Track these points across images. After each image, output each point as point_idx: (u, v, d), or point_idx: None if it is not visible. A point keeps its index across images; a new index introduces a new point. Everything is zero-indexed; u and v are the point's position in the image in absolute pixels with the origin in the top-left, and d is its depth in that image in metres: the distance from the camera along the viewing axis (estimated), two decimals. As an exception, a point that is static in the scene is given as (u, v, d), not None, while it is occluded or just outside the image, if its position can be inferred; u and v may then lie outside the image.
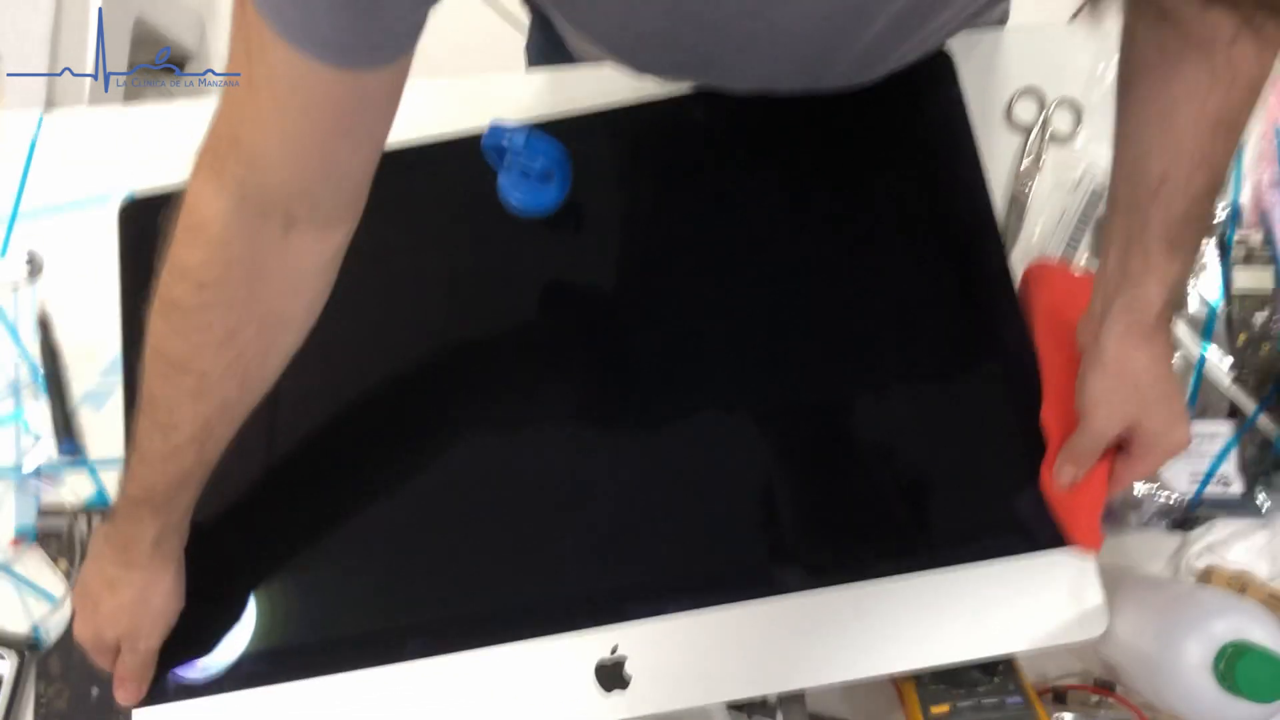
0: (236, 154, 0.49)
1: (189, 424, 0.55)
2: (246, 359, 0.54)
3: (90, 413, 0.73)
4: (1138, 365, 0.56)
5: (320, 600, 0.64)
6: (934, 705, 0.59)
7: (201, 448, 0.56)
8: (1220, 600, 0.55)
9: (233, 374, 0.54)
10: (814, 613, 0.61)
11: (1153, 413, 0.57)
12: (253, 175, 0.49)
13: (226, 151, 0.49)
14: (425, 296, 0.70)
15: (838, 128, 0.70)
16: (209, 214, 0.50)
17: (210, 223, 0.50)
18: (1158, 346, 0.56)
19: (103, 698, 0.67)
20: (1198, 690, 0.52)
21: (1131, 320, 0.56)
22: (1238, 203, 0.70)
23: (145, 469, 0.57)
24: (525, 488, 0.65)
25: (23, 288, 0.75)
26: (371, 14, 0.43)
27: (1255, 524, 0.67)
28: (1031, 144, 0.72)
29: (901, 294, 0.66)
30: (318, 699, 0.62)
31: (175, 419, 0.55)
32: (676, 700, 0.61)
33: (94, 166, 0.76)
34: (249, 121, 0.48)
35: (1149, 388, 0.56)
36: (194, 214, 0.51)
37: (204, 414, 0.55)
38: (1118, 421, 0.57)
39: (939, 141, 0.68)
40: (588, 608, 0.62)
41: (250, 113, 0.47)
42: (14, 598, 0.70)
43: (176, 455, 0.56)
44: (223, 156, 0.49)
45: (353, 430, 0.67)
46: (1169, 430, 0.57)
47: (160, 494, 0.57)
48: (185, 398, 0.54)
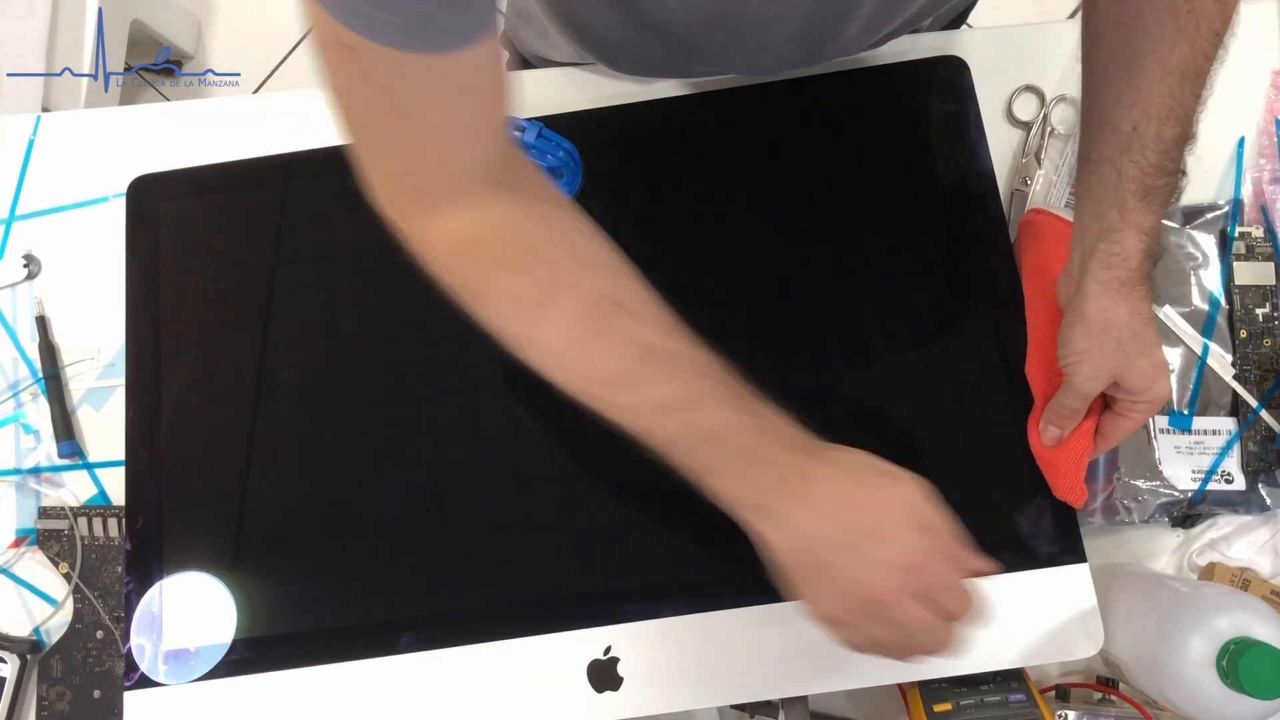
0: (431, 171, 0.48)
1: (659, 336, 0.51)
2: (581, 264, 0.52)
3: (90, 413, 0.73)
4: (1119, 319, 0.56)
5: (315, 591, 0.64)
6: (937, 703, 0.59)
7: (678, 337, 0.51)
8: (1223, 597, 0.55)
9: (589, 274, 0.51)
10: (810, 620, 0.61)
11: (1135, 366, 0.57)
12: (456, 171, 0.49)
13: (423, 174, 0.49)
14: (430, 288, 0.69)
15: (847, 126, 0.70)
16: (459, 228, 0.50)
17: (475, 233, 0.50)
18: (1137, 299, 0.57)
19: (104, 699, 0.67)
20: (1201, 687, 0.52)
21: (1111, 275, 0.56)
22: (1239, 197, 0.70)
23: (705, 411, 0.50)
24: (525, 484, 0.65)
25: (21, 288, 0.75)
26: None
27: (1257, 520, 0.67)
28: (1031, 141, 0.72)
29: (907, 301, 0.67)
30: (310, 689, 0.62)
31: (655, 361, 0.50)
32: (668, 703, 0.61)
33: (92, 167, 0.76)
34: (423, 138, 0.47)
35: (1130, 341, 0.57)
36: (449, 243, 0.50)
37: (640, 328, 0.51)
38: (1101, 377, 0.58)
39: (950, 140, 0.69)
40: (582, 607, 0.62)
41: (419, 130, 0.47)
42: (15, 599, 0.70)
43: (679, 351, 0.51)
44: (427, 179, 0.49)
45: (352, 423, 0.67)
46: (1151, 384, 0.57)
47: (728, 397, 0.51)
48: (629, 347, 0.50)
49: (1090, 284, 0.57)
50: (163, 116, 0.77)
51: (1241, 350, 0.68)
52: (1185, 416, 0.67)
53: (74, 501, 0.71)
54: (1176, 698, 0.54)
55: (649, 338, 0.50)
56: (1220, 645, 0.52)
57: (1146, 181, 0.55)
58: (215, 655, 0.63)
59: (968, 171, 0.68)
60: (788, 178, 0.69)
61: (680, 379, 0.50)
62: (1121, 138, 0.55)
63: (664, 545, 0.63)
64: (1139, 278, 0.57)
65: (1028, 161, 0.72)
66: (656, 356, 0.50)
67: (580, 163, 0.68)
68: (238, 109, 0.76)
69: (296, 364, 0.66)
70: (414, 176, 0.49)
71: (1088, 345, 0.57)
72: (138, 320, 0.69)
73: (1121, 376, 0.57)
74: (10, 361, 0.74)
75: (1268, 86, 0.73)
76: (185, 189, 0.72)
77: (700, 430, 0.50)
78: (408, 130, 0.47)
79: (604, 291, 0.51)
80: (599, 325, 0.50)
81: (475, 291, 0.51)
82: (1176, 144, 0.55)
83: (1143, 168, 0.55)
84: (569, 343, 0.50)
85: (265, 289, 0.69)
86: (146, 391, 0.68)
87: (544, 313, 0.50)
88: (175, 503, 0.66)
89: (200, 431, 0.67)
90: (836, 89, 0.70)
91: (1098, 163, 0.57)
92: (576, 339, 0.50)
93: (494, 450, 0.66)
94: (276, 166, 0.72)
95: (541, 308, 0.50)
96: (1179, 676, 0.53)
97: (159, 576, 0.65)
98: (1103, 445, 0.61)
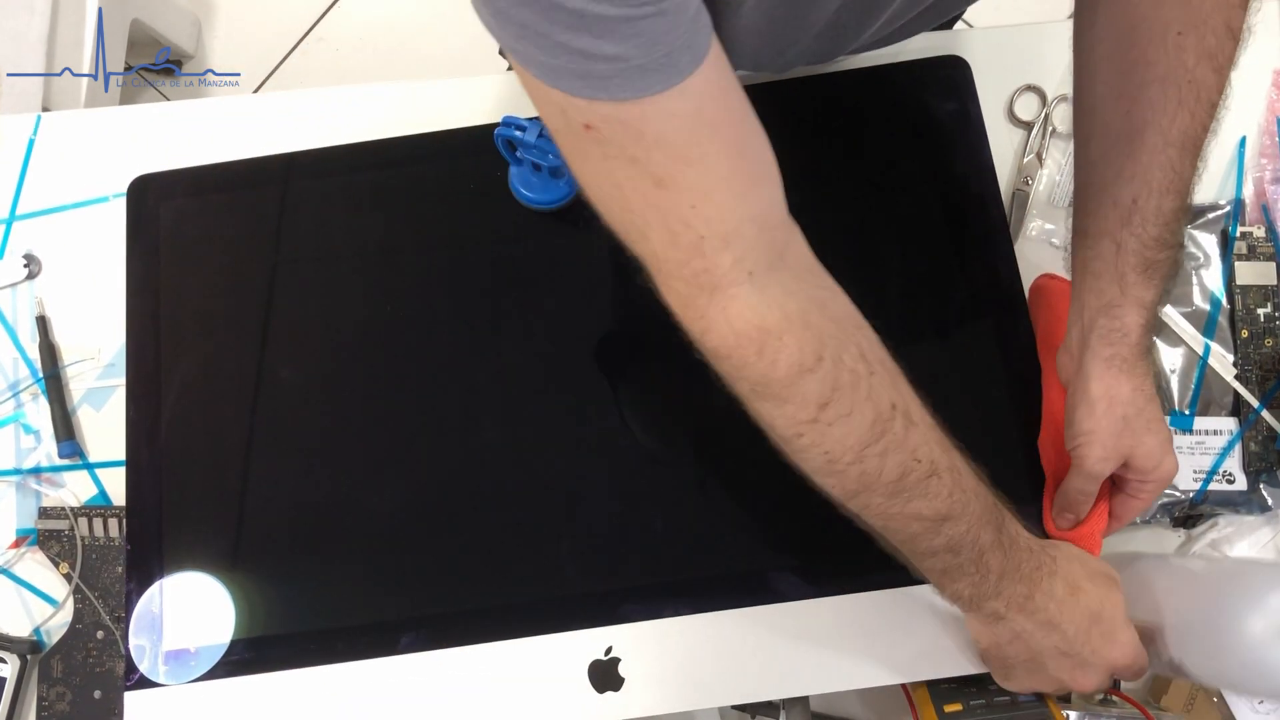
0: (715, 242, 0.44)
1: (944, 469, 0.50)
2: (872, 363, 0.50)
3: (90, 413, 0.72)
4: (1123, 396, 0.56)
5: (315, 592, 0.64)
6: (947, 704, 0.59)
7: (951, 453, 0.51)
8: (1269, 572, 0.55)
9: (884, 386, 0.49)
10: (808, 621, 0.61)
11: (1143, 445, 0.57)
12: (741, 240, 0.44)
13: (707, 253, 0.44)
14: (432, 283, 0.69)
15: (848, 126, 0.70)
16: (751, 316, 0.45)
17: (764, 322, 0.45)
18: (1139, 376, 0.56)
19: (105, 700, 0.67)
20: (1265, 662, 0.52)
21: (1112, 351, 0.56)
22: (1240, 197, 0.70)
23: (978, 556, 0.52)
24: (526, 484, 0.65)
25: (21, 288, 0.75)
26: (680, 12, 0.39)
27: (1259, 520, 0.67)
28: (1033, 141, 0.72)
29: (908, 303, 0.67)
30: (310, 689, 0.62)
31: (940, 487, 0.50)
32: (670, 703, 0.61)
33: (92, 167, 0.76)
34: (688, 206, 0.43)
35: (1135, 419, 0.56)
36: (737, 334, 0.46)
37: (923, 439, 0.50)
38: (1111, 459, 0.57)
39: (952, 139, 0.69)
40: (584, 607, 0.62)
41: (683, 198, 0.43)
42: (15, 599, 0.70)
43: (958, 467, 0.51)
44: (709, 259, 0.44)
45: (352, 423, 0.67)
46: (1160, 462, 0.57)
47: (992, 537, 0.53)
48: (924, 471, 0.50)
49: (1092, 362, 0.56)
50: (163, 116, 0.77)
51: (1243, 350, 0.68)
52: (1187, 416, 0.67)
53: (74, 501, 0.71)
54: (1237, 677, 0.54)
55: (933, 454, 0.50)
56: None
57: (1147, 255, 0.54)
58: (215, 655, 0.63)
59: (970, 171, 0.68)
60: (788, 177, 0.69)
61: (955, 496, 0.50)
62: (1121, 210, 0.54)
63: (665, 546, 0.63)
64: (1140, 353, 0.56)
65: (1029, 161, 0.72)
66: (938, 474, 0.50)
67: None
68: (238, 109, 0.76)
69: (296, 364, 0.66)
70: (694, 260, 0.44)
71: (1094, 426, 0.56)
72: (138, 320, 0.69)
73: (1131, 456, 0.57)
74: (10, 361, 0.74)
75: (1268, 86, 0.73)
76: (185, 189, 0.72)
77: (958, 543, 0.51)
78: (669, 204, 0.43)
79: (889, 399, 0.49)
80: (884, 437, 0.48)
81: (767, 393, 0.48)
82: (1176, 216, 0.54)
83: (1143, 241, 0.54)
84: (855, 454, 0.48)
85: (265, 289, 0.69)
86: (146, 391, 0.68)
87: (837, 419, 0.47)
88: (175, 502, 0.66)
89: (200, 431, 0.67)
90: (838, 89, 0.70)
91: (1096, 236, 0.56)
92: (863, 449, 0.48)
93: (495, 450, 0.66)
94: (277, 166, 0.72)
95: (833, 413, 0.47)
96: (1239, 654, 0.53)
97: (159, 576, 0.65)
98: (1115, 526, 0.61)
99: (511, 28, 0.39)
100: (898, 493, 0.49)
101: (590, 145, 0.42)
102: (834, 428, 0.47)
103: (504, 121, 0.64)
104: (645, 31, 0.38)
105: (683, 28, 0.39)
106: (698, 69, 0.41)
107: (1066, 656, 0.54)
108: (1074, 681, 0.55)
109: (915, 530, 0.51)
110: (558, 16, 0.37)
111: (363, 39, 1.65)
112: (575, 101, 0.40)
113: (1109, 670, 0.55)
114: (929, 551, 0.52)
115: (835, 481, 0.50)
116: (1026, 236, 0.71)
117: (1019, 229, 0.71)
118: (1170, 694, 0.65)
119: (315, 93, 0.76)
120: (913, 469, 0.49)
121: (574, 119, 0.41)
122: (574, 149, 0.43)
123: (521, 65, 0.41)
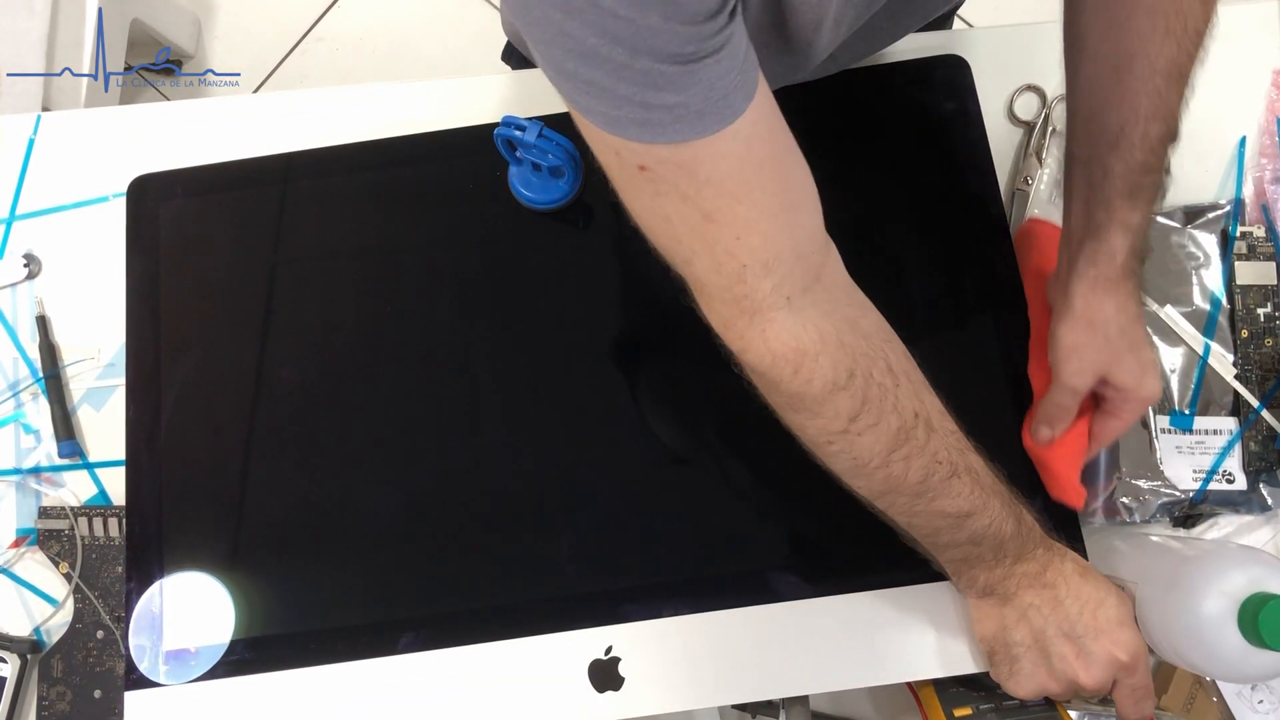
0: (751, 276, 0.46)
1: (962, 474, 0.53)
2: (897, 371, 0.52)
3: (90, 413, 0.72)
4: (1105, 315, 0.57)
5: (315, 591, 0.64)
6: (957, 708, 0.59)
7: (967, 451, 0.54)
8: (1240, 554, 0.55)
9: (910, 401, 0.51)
10: (808, 621, 0.61)
11: (1123, 363, 0.57)
12: (781, 266, 0.46)
13: (742, 280, 0.46)
14: (432, 282, 0.69)
15: (848, 126, 0.70)
16: (788, 339, 0.48)
17: (800, 344, 0.48)
18: (1124, 295, 0.57)
19: (105, 700, 0.67)
20: (1221, 643, 0.52)
21: (1097, 272, 0.57)
22: (1240, 197, 0.70)
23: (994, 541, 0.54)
24: (526, 484, 0.65)
25: (21, 288, 0.75)
26: (727, 59, 0.40)
27: (1259, 520, 0.67)
28: (1034, 140, 0.72)
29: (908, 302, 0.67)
30: (310, 689, 0.62)
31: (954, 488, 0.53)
32: (669, 703, 0.61)
33: (92, 167, 0.76)
34: (734, 237, 0.45)
35: (1117, 337, 0.57)
36: (774, 354, 0.48)
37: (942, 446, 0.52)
38: (1089, 374, 0.58)
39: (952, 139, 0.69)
40: (584, 607, 0.62)
41: (729, 229, 0.44)
42: (15, 599, 0.70)
43: (975, 467, 0.54)
44: (749, 285, 0.46)
45: (352, 423, 0.67)
46: (1140, 382, 0.58)
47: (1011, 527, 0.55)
48: (939, 471, 0.52)
49: (1076, 281, 0.57)
50: (163, 116, 0.77)
51: (1243, 350, 0.68)
52: (1186, 416, 0.67)
53: (74, 501, 0.71)
54: (1197, 657, 0.54)
55: (953, 457, 0.52)
56: (1239, 601, 0.52)
57: (1133, 179, 0.55)
58: (215, 655, 0.63)
59: (969, 171, 0.68)
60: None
61: (975, 494, 0.53)
62: (1109, 136, 0.55)
63: (665, 545, 0.63)
64: (1125, 274, 0.57)
65: (1029, 160, 0.72)
66: (959, 475, 0.52)
67: (581, 162, 0.68)
68: (238, 109, 0.76)
69: (296, 363, 0.66)
70: (736, 286, 0.46)
71: (1074, 341, 0.57)
72: (138, 319, 0.69)
73: (1109, 373, 0.58)
74: (10, 361, 0.74)
75: (1268, 86, 0.73)
76: (186, 188, 0.72)
77: (980, 536, 0.54)
78: (716, 236, 0.45)
79: (914, 408, 0.51)
80: (908, 443, 0.51)
81: (800, 406, 0.50)
82: (1162, 142, 0.55)
83: (1129, 166, 0.55)
84: (881, 460, 0.51)
85: (265, 288, 0.69)
86: (146, 391, 0.68)
87: (866, 429, 0.50)
88: (175, 501, 0.66)
89: (200, 430, 0.67)
90: (839, 89, 0.70)
91: (1085, 161, 0.57)
92: (889, 455, 0.51)
93: (495, 450, 0.66)
94: (277, 166, 0.72)
95: (863, 424, 0.50)
96: (1199, 634, 0.53)
97: (159, 576, 0.65)
98: (1095, 446, 0.61)
99: (577, 84, 0.40)
100: (922, 493, 0.52)
101: (644, 183, 0.44)
102: (863, 437, 0.50)
103: (504, 121, 0.64)
104: (705, 79, 0.40)
105: (737, 69, 0.41)
106: (749, 107, 0.42)
107: (1069, 640, 0.55)
108: (1077, 673, 0.55)
109: (939, 525, 0.54)
110: (626, 75, 0.39)
111: (363, 39, 1.65)
112: (632, 146, 0.41)
113: (1111, 663, 0.55)
114: (951, 544, 0.55)
115: (863, 483, 0.53)
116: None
117: (1019, 225, 0.71)
118: (1170, 694, 0.65)
119: (315, 93, 0.76)
120: (935, 471, 0.51)
121: (629, 161, 0.43)
122: (626, 185, 0.45)
123: (581, 115, 0.42)
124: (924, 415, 0.51)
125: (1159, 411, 0.67)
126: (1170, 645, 0.56)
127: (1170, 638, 0.55)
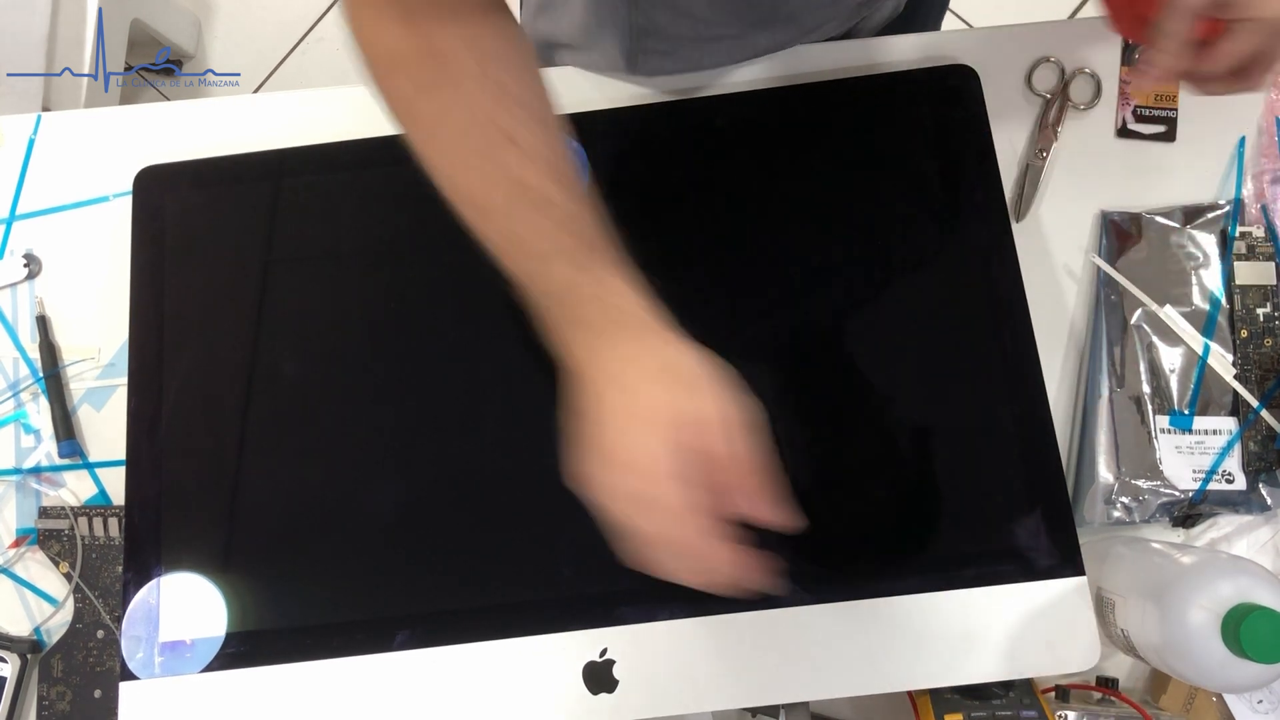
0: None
1: (531, 165, 0.49)
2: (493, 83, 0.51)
3: (90, 412, 0.73)
4: None
5: (311, 587, 0.64)
6: (948, 713, 0.59)
7: (551, 168, 0.50)
8: (1225, 563, 0.55)
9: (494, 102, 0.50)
10: (805, 627, 0.61)
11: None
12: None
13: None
14: (434, 280, 0.69)
15: (852, 132, 0.70)
16: (398, 47, 0.50)
17: (401, 49, 0.50)
18: None
19: (105, 699, 0.67)
20: (1205, 653, 0.52)
21: None
22: (1239, 197, 0.70)
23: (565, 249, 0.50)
24: (523, 484, 0.65)
25: (21, 288, 0.75)
26: None
27: (1258, 520, 0.67)
28: (1052, 113, 0.72)
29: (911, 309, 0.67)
30: (304, 685, 0.62)
31: (525, 184, 0.49)
32: (664, 707, 0.61)
33: (92, 167, 0.76)
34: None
35: None
36: (385, 56, 0.51)
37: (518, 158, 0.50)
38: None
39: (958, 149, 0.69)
40: (579, 608, 0.62)
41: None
42: (15, 599, 0.70)
43: (554, 200, 0.50)
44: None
45: (353, 420, 0.67)
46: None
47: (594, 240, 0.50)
48: (506, 164, 0.50)
49: None
50: (163, 116, 0.77)
51: (1242, 350, 0.68)
52: (1186, 416, 0.67)
53: (74, 501, 0.71)
54: (1181, 666, 0.54)
55: (527, 177, 0.49)
56: (1224, 611, 0.52)
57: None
58: (212, 649, 0.63)
59: (975, 180, 0.67)
60: (793, 181, 0.69)
61: (542, 225, 0.49)
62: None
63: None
64: None
65: (1044, 133, 0.72)
66: (528, 197, 0.49)
67: (585, 163, 0.68)
68: (238, 109, 0.76)
69: (297, 359, 0.66)
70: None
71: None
72: (142, 312, 0.69)
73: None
74: (10, 361, 0.74)
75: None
76: (192, 180, 0.72)
77: (548, 282, 0.50)
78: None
79: (500, 123, 0.49)
80: (483, 152, 0.49)
81: (391, 109, 0.51)
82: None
83: None
84: (452, 164, 0.50)
85: (268, 285, 0.69)
86: (149, 382, 0.68)
87: (438, 130, 0.50)
88: (174, 494, 0.66)
89: (201, 424, 0.67)
90: (843, 95, 0.70)
91: None
92: (459, 161, 0.50)
93: (492, 449, 0.66)
94: (285, 159, 0.72)
95: (438, 125, 0.50)
96: (1183, 643, 0.53)
97: (157, 570, 0.65)
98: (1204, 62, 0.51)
99: None
100: (491, 212, 0.50)
101: None
102: (438, 142, 0.51)
103: None
104: None
105: None
106: None
107: (624, 412, 0.47)
108: (631, 451, 0.47)
109: (514, 260, 0.50)
110: None
111: (363, 39, 1.64)
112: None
113: (673, 444, 0.45)
114: (535, 295, 0.51)
115: (451, 196, 0.51)
116: (1038, 210, 0.71)
117: (1031, 200, 0.71)
118: (1169, 694, 0.65)
119: (315, 93, 0.76)
120: (506, 190, 0.49)
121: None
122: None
123: None
124: (515, 137, 0.49)
125: (1158, 411, 0.67)
126: (1157, 654, 0.56)
127: (1158, 647, 0.55)
